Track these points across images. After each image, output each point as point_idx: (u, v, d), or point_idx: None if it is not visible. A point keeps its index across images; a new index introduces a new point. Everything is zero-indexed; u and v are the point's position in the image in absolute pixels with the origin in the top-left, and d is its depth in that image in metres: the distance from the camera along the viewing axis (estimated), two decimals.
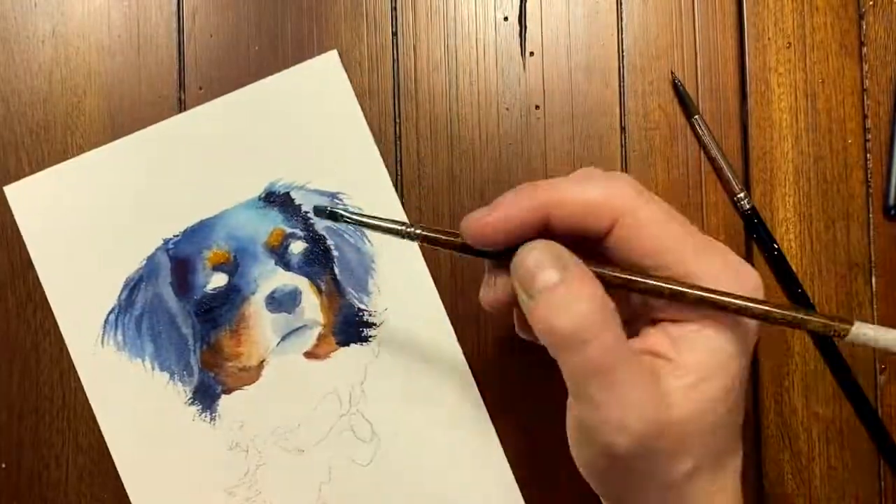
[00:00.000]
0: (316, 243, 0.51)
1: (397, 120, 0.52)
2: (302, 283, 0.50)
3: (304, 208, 0.51)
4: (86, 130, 0.51)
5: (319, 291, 0.50)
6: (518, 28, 0.52)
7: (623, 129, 0.52)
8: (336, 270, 0.51)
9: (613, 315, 0.30)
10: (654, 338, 0.32)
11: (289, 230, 0.51)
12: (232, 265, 0.50)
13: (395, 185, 0.52)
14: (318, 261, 0.51)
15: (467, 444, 0.50)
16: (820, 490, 0.51)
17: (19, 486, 0.50)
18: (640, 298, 0.33)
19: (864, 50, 0.52)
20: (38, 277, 0.51)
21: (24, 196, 0.51)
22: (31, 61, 0.52)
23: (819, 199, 0.51)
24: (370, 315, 0.50)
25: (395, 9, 0.52)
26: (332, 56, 0.51)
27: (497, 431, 0.50)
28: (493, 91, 0.52)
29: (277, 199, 0.51)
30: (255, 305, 0.50)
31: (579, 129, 0.52)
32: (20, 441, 0.51)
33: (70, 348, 0.50)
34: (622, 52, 0.52)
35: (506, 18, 0.52)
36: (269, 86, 0.51)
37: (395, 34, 0.52)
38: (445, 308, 0.50)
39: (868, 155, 0.52)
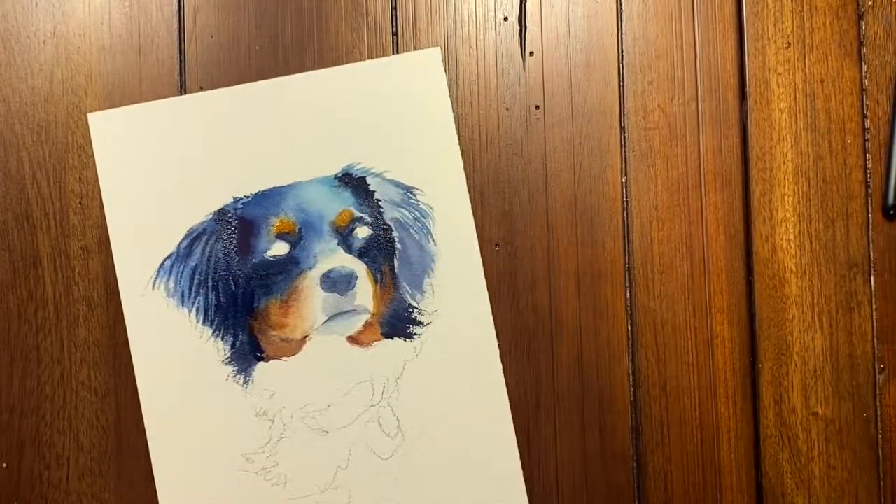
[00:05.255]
0: (381, 232, 0.51)
1: None
2: (360, 268, 0.50)
3: (376, 195, 0.51)
4: (87, 130, 0.51)
5: (375, 280, 0.50)
6: (518, 28, 0.52)
7: (623, 129, 0.52)
8: (395, 263, 0.51)
9: None
10: None
11: (357, 214, 0.51)
12: (296, 236, 0.50)
13: None
14: (380, 250, 0.51)
15: (489, 463, 0.50)
16: (819, 489, 0.51)
17: (20, 486, 0.50)
18: None
19: (864, 50, 0.52)
20: (39, 277, 0.51)
21: (107, 126, 0.51)
22: (32, 61, 0.52)
23: (818, 198, 0.51)
24: (420, 313, 0.51)
25: (395, 9, 0.52)
26: (434, 52, 0.52)
27: (521, 458, 0.50)
28: (493, 91, 0.52)
29: (352, 182, 0.51)
30: (310, 281, 0.50)
31: (579, 129, 0.52)
32: (21, 441, 0.51)
33: (121, 286, 0.50)
34: (622, 52, 0.52)
35: (506, 18, 0.52)
36: (368, 69, 0.51)
37: (395, 34, 0.52)
38: (495, 324, 0.51)
39: (867, 155, 0.52)
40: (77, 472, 0.51)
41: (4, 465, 0.50)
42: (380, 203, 0.51)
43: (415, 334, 0.50)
